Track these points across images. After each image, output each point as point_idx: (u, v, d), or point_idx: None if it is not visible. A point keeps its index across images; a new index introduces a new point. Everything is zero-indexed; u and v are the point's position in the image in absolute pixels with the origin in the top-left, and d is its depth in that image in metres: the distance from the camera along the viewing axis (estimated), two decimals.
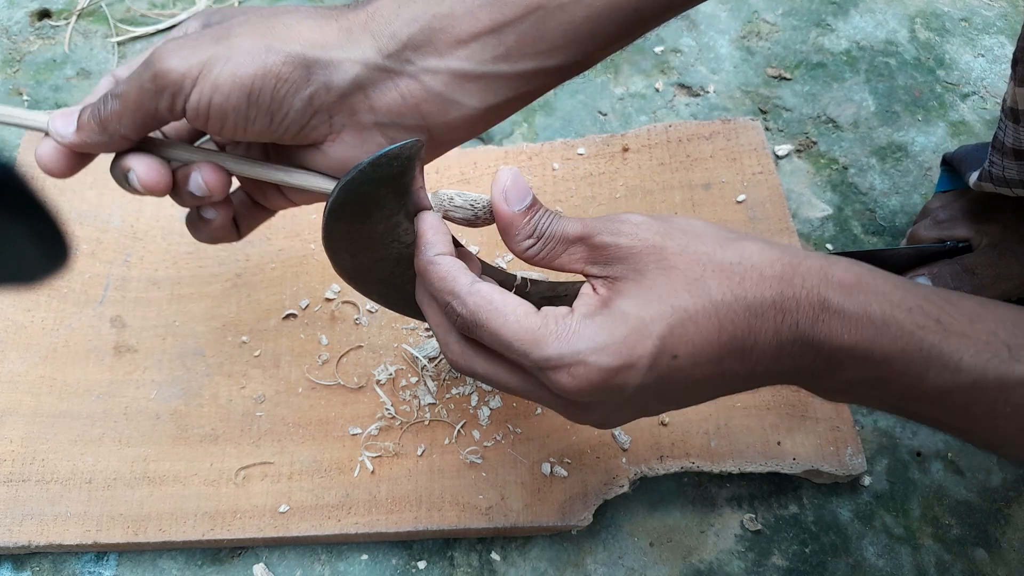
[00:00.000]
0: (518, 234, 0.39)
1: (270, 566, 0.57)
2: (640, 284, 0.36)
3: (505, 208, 0.39)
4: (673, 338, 0.35)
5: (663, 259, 0.37)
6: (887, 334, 0.36)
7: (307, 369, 0.62)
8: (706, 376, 0.36)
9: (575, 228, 0.39)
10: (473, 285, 0.37)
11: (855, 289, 0.36)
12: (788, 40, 0.85)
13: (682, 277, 0.36)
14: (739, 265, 0.36)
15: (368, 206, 0.40)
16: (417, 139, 0.39)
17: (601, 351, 0.35)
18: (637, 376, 0.35)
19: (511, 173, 0.40)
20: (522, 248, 0.40)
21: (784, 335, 0.36)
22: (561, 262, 0.39)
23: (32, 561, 0.57)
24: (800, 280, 0.36)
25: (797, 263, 0.37)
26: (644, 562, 0.58)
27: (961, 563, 0.58)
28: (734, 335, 0.36)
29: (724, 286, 0.36)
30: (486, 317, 0.36)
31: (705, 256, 0.37)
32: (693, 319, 0.35)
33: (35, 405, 0.60)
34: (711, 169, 0.70)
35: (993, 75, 0.82)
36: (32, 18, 0.86)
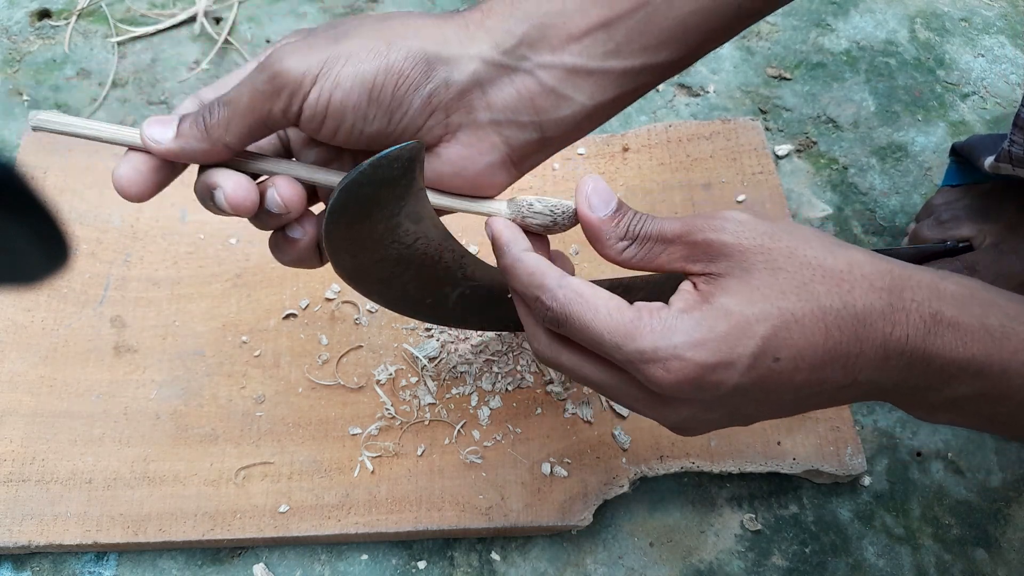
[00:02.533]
0: (610, 238, 0.39)
1: (270, 566, 0.57)
2: (745, 282, 0.35)
3: (591, 214, 0.39)
4: (777, 340, 0.34)
5: (771, 260, 0.36)
6: (1007, 347, 0.35)
7: (307, 369, 0.62)
8: (806, 382, 0.35)
9: (673, 227, 0.38)
10: (563, 279, 0.37)
11: (969, 301, 0.36)
12: (788, 40, 0.85)
13: (790, 279, 0.35)
14: (848, 273, 0.35)
15: (369, 207, 0.40)
16: (418, 140, 0.39)
17: (699, 346, 0.34)
18: (735, 375, 0.34)
19: (592, 180, 0.39)
20: (618, 250, 0.39)
21: (892, 346, 0.35)
22: (660, 262, 0.39)
23: (32, 561, 0.57)
24: (911, 292, 0.36)
25: (908, 275, 0.36)
26: (644, 562, 0.58)
27: (961, 563, 0.58)
28: (840, 342, 0.35)
29: (833, 292, 0.35)
30: (578, 311, 0.36)
31: (814, 260, 0.36)
32: (799, 322, 0.34)
33: (35, 405, 0.60)
34: (711, 169, 0.70)
35: (993, 75, 0.82)
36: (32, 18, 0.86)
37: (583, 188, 0.39)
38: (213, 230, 0.68)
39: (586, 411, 0.59)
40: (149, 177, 0.41)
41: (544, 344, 0.39)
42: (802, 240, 0.37)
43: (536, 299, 0.37)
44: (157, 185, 0.42)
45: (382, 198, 0.40)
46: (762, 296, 0.35)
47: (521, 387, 0.61)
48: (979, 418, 0.39)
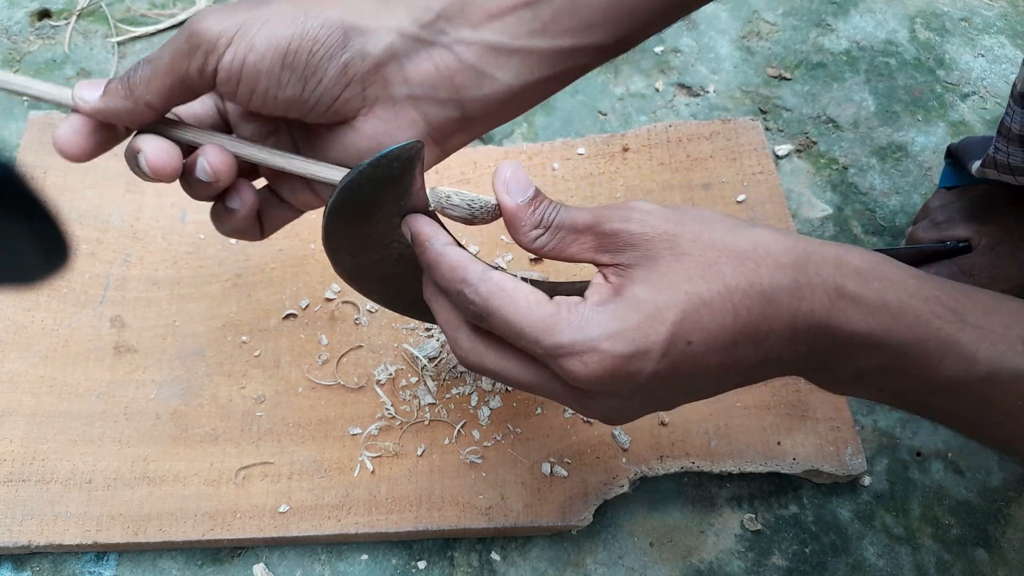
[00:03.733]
0: (524, 225, 0.39)
1: (270, 566, 0.57)
2: (652, 270, 0.36)
3: (509, 200, 0.39)
4: (687, 324, 0.35)
5: (675, 246, 0.36)
6: (904, 322, 0.36)
7: (307, 369, 0.62)
8: (720, 363, 0.36)
9: (583, 217, 0.38)
10: (485, 272, 0.37)
11: (871, 277, 0.36)
12: (788, 40, 0.85)
13: (695, 263, 0.35)
14: (753, 252, 0.36)
15: (368, 207, 0.40)
16: (418, 140, 0.39)
17: (614, 338, 0.34)
18: (651, 363, 0.35)
19: (512, 166, 0.39)
20: (530, 239, 0.39)
21: (799, 321, 0.36)
22: (571, 252, 0.39)
23: (32, 561, 0.57)
24: (815, 267, 0.36)
25: (812, 251, 0.36)
26: (644, 562, 0.58)
27: (961, 563, 0.58)
28: (748, 321, 0.35)
29: (738, 272, 0.35)
30: (499, 304, 0.36)
31: (719, 242, 0.36)
32: (707, 305, 0.35)
33: (35, 405, 0.60)
34: (711, 169, 0.70)
35: (993, 75, 0.82)
36: (32, 18, 0.86)
37: (502, 173, 0.39)
38: (213, 230, 0.68)
39: None
40: (88, 139, 0.41)
41: (467, 348, 0.39)
42: (706, 223, 0.37)
43: (459, 293, 0.37)
44: (96, 146, 0.42)
45: (382, 198, 0.40)
46: (669, 283, 0.35)
47: None
48: (883, 393, 0.39)
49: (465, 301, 0.37)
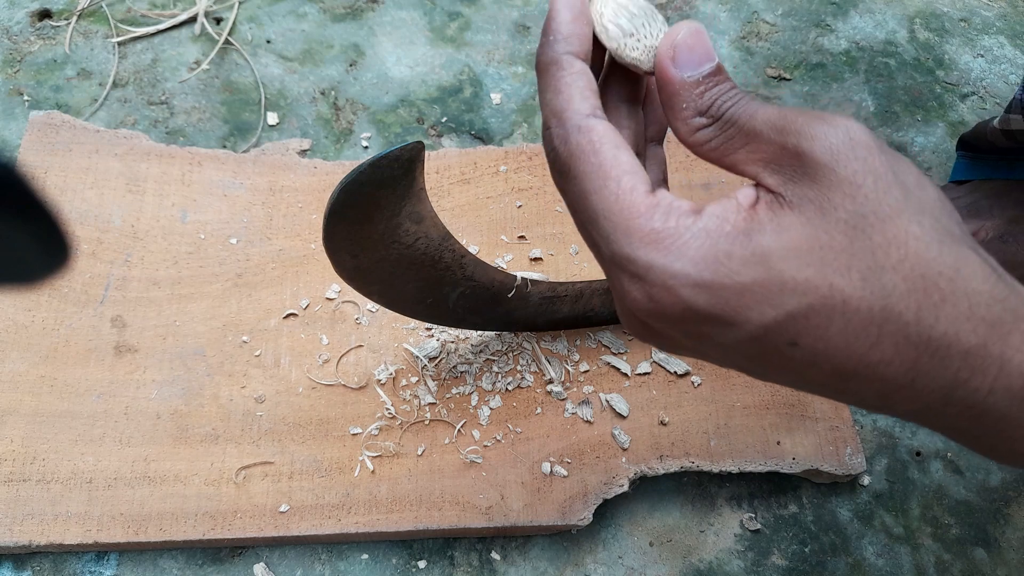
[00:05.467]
0: (687, 108, 0.29)
1: (270, 566, 0.57)
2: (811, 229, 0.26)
3: (673, 70, 0.29)
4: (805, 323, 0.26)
5: (860, 214, 0.26)
6: None
7: (307, 369, 0.62)
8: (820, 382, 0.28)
9: (768, 115, 0.29)
10: (587, 120, 0.29)
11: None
12: (788, 40, 0.86)
13: (867, 252, 0.26)
14: (949, 279, 0.26)
15: (369, 207, 0.40)
16: (418, 141, 0.39)
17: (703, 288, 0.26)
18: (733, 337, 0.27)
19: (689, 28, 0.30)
20: (690, 128, 0.30)
21: (959, 395, 0.26)
22: (736, 159, 0.29)
23: (33, 561, 0.58)
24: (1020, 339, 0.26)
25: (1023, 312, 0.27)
26: (644, 562, 0.58)
27: (961, 563, 0.58)
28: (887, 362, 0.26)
29: (913, 295, 0.26)
30: (583, 170, 0.28)
31: (914, 242, 0.26)
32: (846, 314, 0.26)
33: (35, 405, 0.60)
34: (711, 169, 0.70)
35: (993, 75, 0.82)
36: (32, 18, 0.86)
37: (676, 32, 0.30)
38: (214, 230, 0.68)
39: (586, 411, 0.60)
40: None
41: None
42: (915, 206, 0.26)
43: (547, 128, 0.30)
44: None
45: (382, 198, 0.40)
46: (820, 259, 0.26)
47: (521, 387, 0.61)
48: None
49: (548, 141, 0.30)
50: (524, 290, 0.46)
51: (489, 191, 0.70)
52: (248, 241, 0.68)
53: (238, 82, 0.81)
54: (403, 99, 0.81)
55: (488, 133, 0.79)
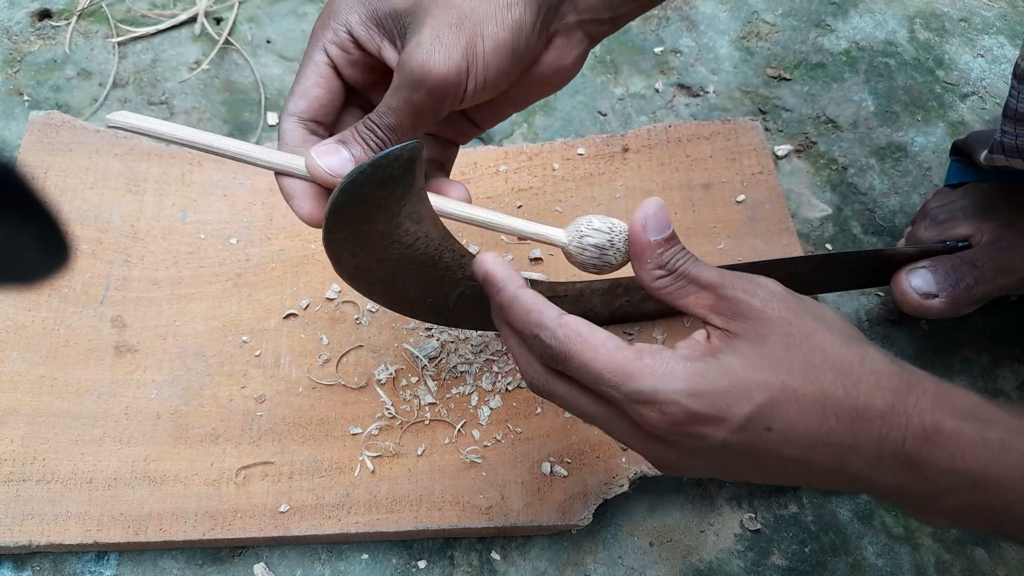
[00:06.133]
0: (649, 262, 0.39)
1: (270, 566, 0.57)
2: (757, 349, 0.36)
3: (643, 235, 0.39)
4: (772, 411, 0.35)
5: (788, 335, 0.36)
6: (1007, 462, 0.36)
7: (307, 369, 0.62)
8: (794, 459, 0.36)
9: (709, 275, 0.39)
10: (561, 318, 0.38)
11: (972, 415, 0.36)
12: (788, 40, 0.86)
13: (800, 358, 0.36)
14: (859, 366, 0.36)
15: (369, 207, 0.40)
16: (418, 141, 0.39)
17: (696, 396, 0.35)
18: (724, 432, 0.35)
19: (656, 203, 0.39)
20: (652, 277, 0.39)
21: (887, 448, 0.35)
22: (686, 303, 0.39)
23: (33, 561, 0.58)
24: (915, 399, 0.36)
25: (916, 381, 0.37)
26: (644, 562, 0.58)
27: (960, 563, 0.58)
28: (834, 430, 0.35)
29: (838, 381, 0.35)
30: (577, 349, 0.36)
31: (829, 347, 0.36)
32: (799, 400, 0.35)
33: (35, 405, 0.60)
34: (711, 169, 0.70)
35: (993, 75, 0.82)
36: (33, 18, 0.86)
37: (646, 207, 0.39)
38: (213, 230, 0.68)
39: None
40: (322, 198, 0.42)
41: (539, 376, 0.40)
42: (824, 325, 0.37)
43: (535, 337, 0.38)
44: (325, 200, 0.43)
45: (382, 198, 0.40)
46: (769, 366, 0.35)
47: (521, 387, 0.61)
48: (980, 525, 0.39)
49: (541, 345, 0.38)
50: None
51: (489, 191, 0.70)
52: (248, 241, 0.68)
53: (238, 82, 0.81)
54: None
55: (488, 133, 0.79)
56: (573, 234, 0.42)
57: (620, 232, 0.42)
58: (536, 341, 0.38)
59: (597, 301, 0.59)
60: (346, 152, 0.41)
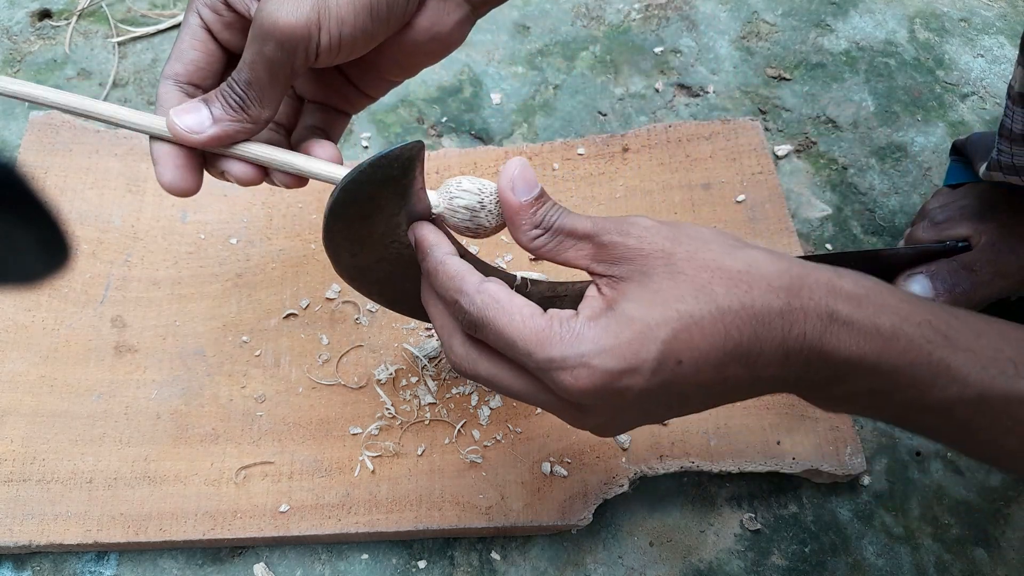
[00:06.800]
0: (524, 223, 0.39)
1: (270, 566, 0.57)
2: (646, 287, 0.36)
3: (512, 197, 0.39)
4: (678, 343, 0.35)
5: (670, 264, 0.36)
6: (896, 346, 0.36)
7: (307, 369, 0.62)
8: (709, 382, 0.36)
9: (584, 224, 0.39)
10: (482, 284, 0.38)
11: (864, 301, 0.37)
12: (788, 40, 0.86)
13: (689, 282, 0.36)
14: (747, 273, 0.36)
15: (368, 207, 0.40)
16: (418, 140, 0.39)
17: (605, 354, 0.35)
18: (640, 380, 0.35)
19: (519, 162, 0.39)
20: (529, 238, 0.39)
21: (791, 344, 0.36)
22: (567, 256, 0.39)
23: (33, 561, 0.58)
24: (808, 292, 0.36)
25: (805, 274, 0.37)
26: (644, 561, 0.58)
27: (961, 563, 0.58)
28: (739, 342, 0.35)
29: (731, 293, 0.36)
30: (493, 315, 0.37)
31: (713, 263, 0.36)
32: (699, 324, 0.35)
33: (35, 405, 0.60)
34: (711, 169, 0.70)
35: (993, 75, 0.82)
36: (32, 18, 0.86)
37: (509, 169, 0.39)
38: (214, 230, 0.68)
39: None
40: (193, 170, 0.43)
41: (461, 354, 0.40)
42: (702, 242, 0.37)
43: (455, 302, 0.38)
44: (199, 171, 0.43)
45: (382, 198, 0.40)
46: (662, 300, 0.35)
47: None
48: (875, 411, 0.40)
49: (460, 311, 0.38)
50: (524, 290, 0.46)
51: None
52: (248, 241, 0.68)
53: None
54: (403, 99, 0.81)
55: (488, 133, 0.79)
56: (443, 196, 0.42)
57: (490, 193, 0.41)
58: (456, 307, 0.38)
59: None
60: (205, 110, 0.41)
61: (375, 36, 0.42)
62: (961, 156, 0.68)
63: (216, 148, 0.43)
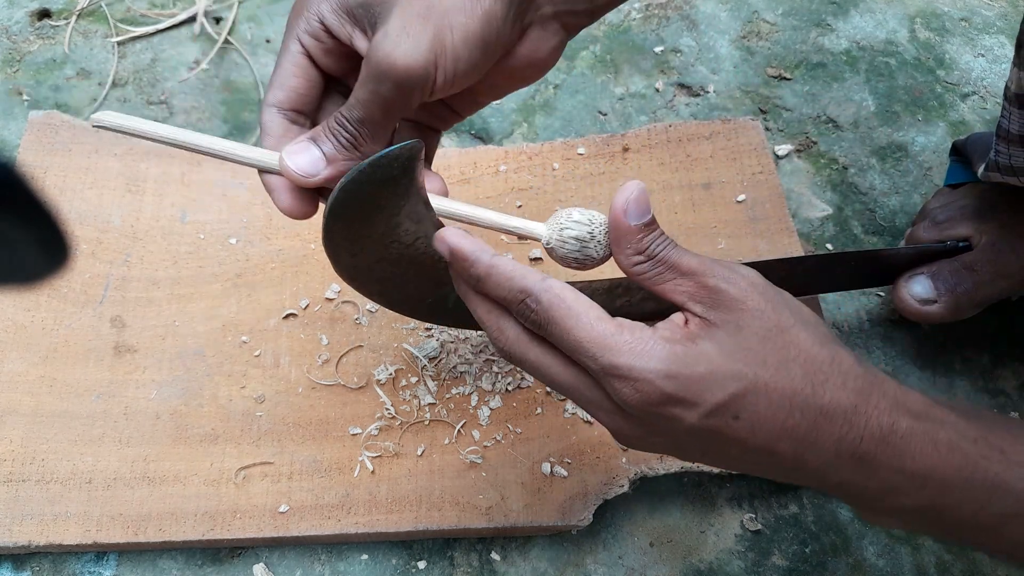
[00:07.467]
0: (629, 248, 0.39)
1: (270, 566, 0.57)
2: (734, 339, 0.36)
3: (623, 219, 0.39)
4: (743, 401, 0.35)
5: (765, 328, 0.37)
6: (952, 463, 0.37)
7: (307, 369, 0.62)
8: (756, 448, 0.37)
9: (690, 262, 0.39)
10: (545, 281, 0.37)
11: (925, 416, 0.37)
12: (788, 40, 0.85)
13: (775, 353, 0.36)
14: (828, 365, 0.37)
15: (368, 207, 0.40)
16: (418, 140, 0.39)
17: (672, 378, 0.35)
18: (694, 416, 0.35)
19: (637, 187, 0.39)
20: (631, 263, 0.39)
21: (845, 446, 0.36)
22: (664, 288, 0.39)
23: (32, 561, 0.57)
24: (876, 400, 0.37)
25: (879, 383, 0.38)
26: (644, 562, 0.58)
27: (961, 563, 0.58)
28: (798, 425, 0.36)
29: (808, 378, 0.36)
30: (560, 315, 0.36)
31: (803, 344, 0.37)
32: (768, 394, 0.36)
33: (35, 405, 0.60)
34: (711, 169, 0.70)
35: (993, 75, 0.82)
36: (32, 18, 0.86)
37: (626, 191, 0.39)
38: (213, 230, 0.68)
39: None
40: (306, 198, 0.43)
41: (512, 339, 0.39)
42: (799, 321, 0.38)
43: (521, 303, 0.38)
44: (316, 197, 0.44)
45: (382, 198, 0.40)
46: (744, 358, 0.36)
47: (521, 387, 0.61)
48: (924, 526, 0.40)
49: (526, 310, 0.38)
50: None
51: (489, 191, 0.70)
52: (248, 241, 0.67)
53: (238, 82, 0.81)
54: None
55: (488, 133, 0.79)
56: (553, 227, 0.42)
57: (600, 224, 0.41)
58: (523, 307, 0.38)
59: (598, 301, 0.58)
60: (316, 150, 0.41)
61: (484, 69, 0.42)
62: (961, 156, 0.68)
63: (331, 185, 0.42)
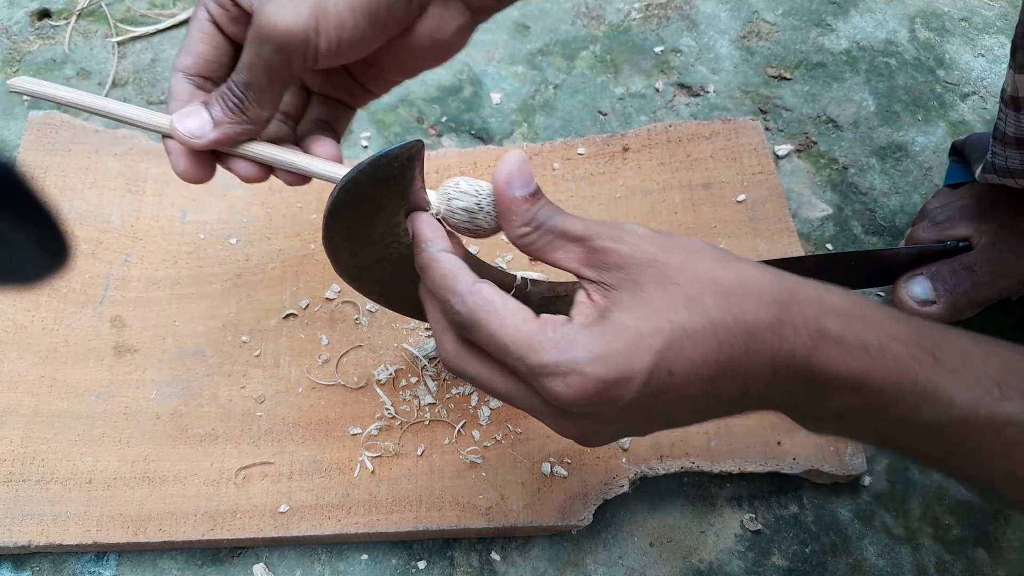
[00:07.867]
0: (515, 219, 0.38)
1: (270, 566, 0.57)
2: (638, 296, 0.36)
3: (507, 191, 0.38)
4: (670, 354, 0.34)
5: (662, 274, 0.36)
6: (883, 365, 0.36)
7: (307, 369, 0.62)
8: (699, 395, 0.36)
9: (576, 226, 0.38)
10: (474, 285, 0.37)
11: (852, 318, 0.36)
12: (788, 40, 0.85)
13: (681, 294, 0.35)
14: (739, 287, 0.36)
15: (368, 206, 0.40)
16: (418, 139, 0.39)
17: (597, 362, 0.34)
18: (632, 390, 0.35)
19: (517, 157, 0.39)
20: (518, 234, 0.39)
21: (780, 360, 0.35)
22: (555, 257, 0.39)
23: (32, 561, 0.57)
24: (798, 307, 0.36)
25: (795, 289, 0.37)
26: (644, 562, 0.58)
27: (961, 563, 0.58)
28: (731, 356, 0.35)
29: (723, 306, 0.35)
30: (484, 318, 0.36)
31: (705, 275, 0.36)
32: (691, 337, 0.35)
33: (35, 405, 0.60)
34: (711, 169, 0.70)
35: (993, 75, 0.82)
36: (32, 18, 0.86)
37: (507, 163, 0.38)
38: (213, 230, 0.68)
39: None
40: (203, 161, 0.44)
41: (452, 352, 0.39)
42: (694, 254, 0.37)
43: (446, 301, 0.38)
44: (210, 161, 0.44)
45: (382, 197, 0.40)
46: (654, 311, 0.35)
47: None
48: (860, 432, 0.39)
49: (452, 311, 0.37)
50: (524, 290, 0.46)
51: None
52: (248, 241, 0.67)
53: None
54: (402, 98, 0.81)
55: (488, 133, 0.79)
56: (442, 197, 0.41)
57: (488, 195, 0.40)
58: (447, 306, 0.37)
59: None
60: (205, 114, 0.42)
61: (374, 40, 0.42)
62: (961, 156, 0.68)
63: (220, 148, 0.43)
